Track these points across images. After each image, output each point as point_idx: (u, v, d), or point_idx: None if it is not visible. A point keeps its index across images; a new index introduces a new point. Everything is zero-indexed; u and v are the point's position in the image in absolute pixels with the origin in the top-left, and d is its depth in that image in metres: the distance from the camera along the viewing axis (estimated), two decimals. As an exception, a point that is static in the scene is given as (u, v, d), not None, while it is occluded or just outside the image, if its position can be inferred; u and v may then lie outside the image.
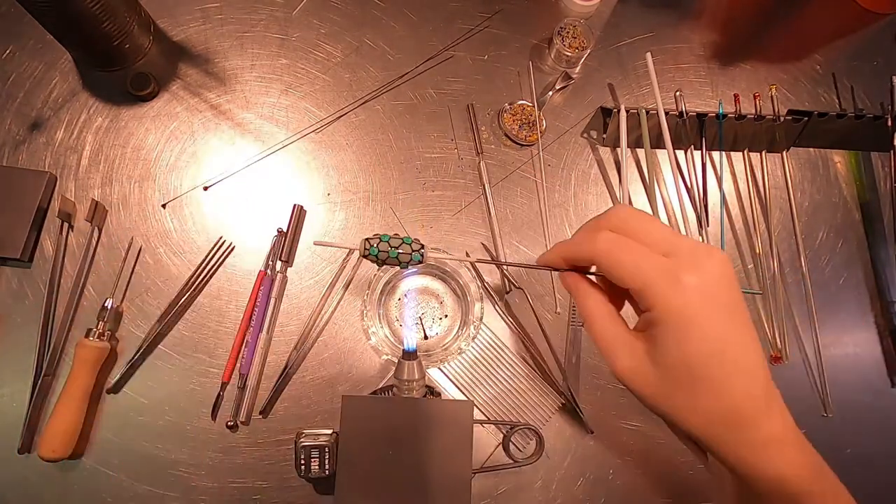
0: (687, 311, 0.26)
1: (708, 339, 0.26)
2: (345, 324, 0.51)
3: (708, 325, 0.26)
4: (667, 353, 0.27)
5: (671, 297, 0.26)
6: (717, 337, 0.26)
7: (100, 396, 0.48)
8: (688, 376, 0.27)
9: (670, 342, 0.27)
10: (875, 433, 0.54)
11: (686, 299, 0.26)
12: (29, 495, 0.46)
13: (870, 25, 0.66)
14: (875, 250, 0.58)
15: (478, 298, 0.49)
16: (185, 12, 0.56)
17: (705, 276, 0.26)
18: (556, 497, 0.50)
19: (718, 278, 0.27)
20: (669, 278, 0.26)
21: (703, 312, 0.26)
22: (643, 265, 0.27)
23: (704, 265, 0.26)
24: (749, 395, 0.27)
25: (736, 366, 0.27)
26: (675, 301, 0.26)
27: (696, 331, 0.26)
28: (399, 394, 0.42)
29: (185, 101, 0.54)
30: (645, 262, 0.27)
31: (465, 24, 0.59)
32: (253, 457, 0.48)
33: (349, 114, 0.56)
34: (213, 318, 0.50)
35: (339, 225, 0.53)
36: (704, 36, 0.63)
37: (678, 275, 0.26)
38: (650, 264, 0.27)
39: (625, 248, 0.27)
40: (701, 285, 0.26)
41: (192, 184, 0.52)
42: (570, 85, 0.59)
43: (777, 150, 0.60)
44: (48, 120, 0.53)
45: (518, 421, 0.49)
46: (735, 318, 0.27)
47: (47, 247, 0.50)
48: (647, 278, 0.27)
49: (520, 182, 0.56)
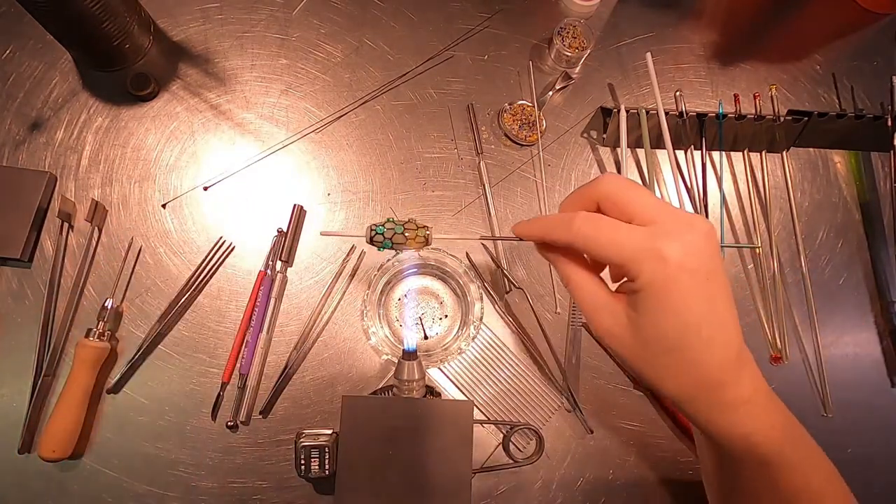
0: (667, 286, 0.26)
1: (686, 312, 0.27)
2: (345, 324, 0.51)
3: (687, 298, 0.27)
4: (646, 322, 0.28)
5: (651, 272, 0.26)
6: (696, 311, 0.27)
7: (100, 396, 0.48)
8: (665, 345, 0.28)
9: (649, 313, 0.27)
10: (875, 433, 0.54)
11: (666, 274, 0.26)
12: (29, 495, 0.46)
13: (870, 25, 0.66)
14: (875, 250, 0.58)
15: (478, 298, 0.49)
16: (185, 12, 0.56)
17: (686, 249, 0.26)
18: (556, 497, 0.50)
19: (700, 251, 0.27)
20: (650, 253, 0.26)
21: (683, 287, 0.26)
22: (623, 242, 0.27)
23: (686, 237, 0.26)
24: (722, 364, 0.28)
25: (712, 338, 0.27)
26: (656, 276, 0.26)
27: (674, 304, 0.27)
28: (399, 394, 0.42)
29: (185, 101, 0.54)
30: (625, 239, 0.27)
31: (465, 24, 0.59)
32: (253, 457, 0.48)
33: (349, 114, 0.56)
34: (213, 318, 0.50)
35: (339, 225, 0.53)
36: (704, 36, 0.63)
37: (659, 249, 0.26)
38: (630, 241, 0.27)
39: (602, 228, 0.27)
40: (681, 259, 0.26)
41: (192, 184, 0.52)
42: (570, 85, 0.59)
43: (777, 150, 0.60)
44: (48, 120, 0.53)
45: (518, 421, 0.49)
46: (713, 291, 0.27)
47: (47, 247, 0.50)
48: (628, 254, 0.27)
49: (520, 182, 0.56)
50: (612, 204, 0.28)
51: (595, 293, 0.30)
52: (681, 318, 0.27)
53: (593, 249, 0.28)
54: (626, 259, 0.27)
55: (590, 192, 0.29)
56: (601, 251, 0.27)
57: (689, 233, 0.27)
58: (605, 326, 0.29)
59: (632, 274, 0.27)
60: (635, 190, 0.28)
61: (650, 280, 0.26)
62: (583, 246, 0.28)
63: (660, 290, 0.27)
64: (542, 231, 0.30)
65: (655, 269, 0.26)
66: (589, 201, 0.30)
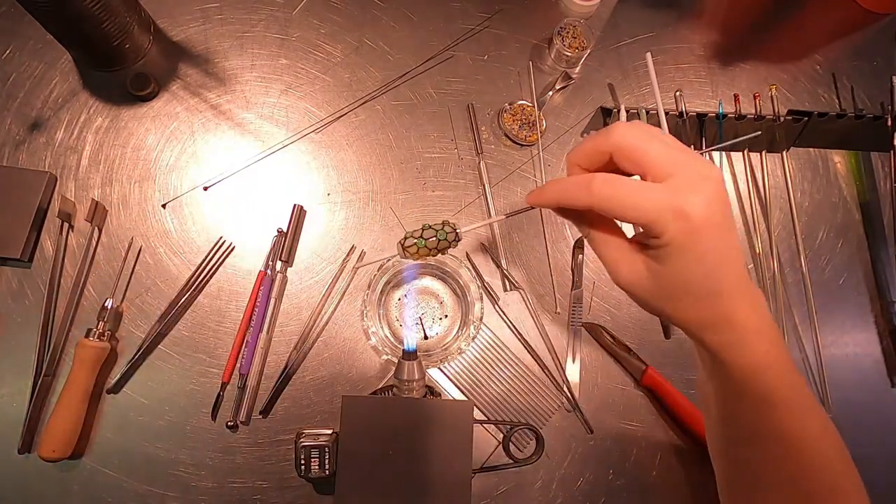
0: (691, 240, 0.28)
1: (709, 260, 0.28)
2: (345, 324, 0.51)
3: (710, 249, 0.28)
4: (669, 271, 0.29)
5: (675, 231, 0.27)
6: (714, 258, 0.28)
7: (100, 396, 0.48)
8: (684, 290, 0.29)
9: (673, 264, 0.29)
10: (875, 433, 0.54)
11: (690, 229, 0.27)
12: (29, 495, 0.46)
13: (870, 25, 0.66)
14: (875, 250, 0.58)
15: (478, 298, 0.49)
16: (185, 12, 0.56)
17: (707, 203, 0.27)
18: (556, 497, 0.50)
19: (719, 202, 0.28)
20: (673, 213, 0.27)
21: (706, 239, 0.28)
22: (644, 203, 0.27)
23: (705, 190, 0.27)
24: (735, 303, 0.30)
25: (727, 280, 0.29)
26: (679, 233, 0.27)
27: (698, 255, 0.28)
28: (399, 394, 0.42)
29: (185, 101, 0.54)
30: (646, 201, 0.27)
31: (465, 24, 0.59)
32: (253, 457, 0.48)
33: (349, 114, 0.56)
34: (213, 318, 0.50)
35: (339, 225, 0.53)
36: (704, 36, 0.63)
37: (681, 207, 0.27)
38: (651, 202, 0.27)
39: (621, 190, 0.28)
40: (704, 214, 0.27)
41: (192, 184, 0.52)
42: (570, 85, 0.59)
43: (777, 150, 0.60)
44: (48, 120, 0.53)
45: (518, 421, 0.49)
46: (728, 236, 0.29)
47: (47, 247, 0.50)
48: (651, 216, 0.27)
49: (520, 182, 0.56)
50: (625, 157, 0.29)
51: (614, 246, 0.31)
52: (704, 266, 0.28)
53: (614, 212, 0.28)
54: (650, 220, 0.27)
55: (601, 143, 0.29)
56: (622, 213, 0.28)
57: (706, 184, 0.27)
58: (627, 278, 0.31)
59: (655, 232, 0.28)
60: (648, 141, 0.28)
61: (674, 237, 0.27)
62: (602, 209, 0.28)
63: (684, 245, 0.28)
64: (558, 196, 0.31)
65: (679, 227, 0.27)
66: (601, 154, 0.30)
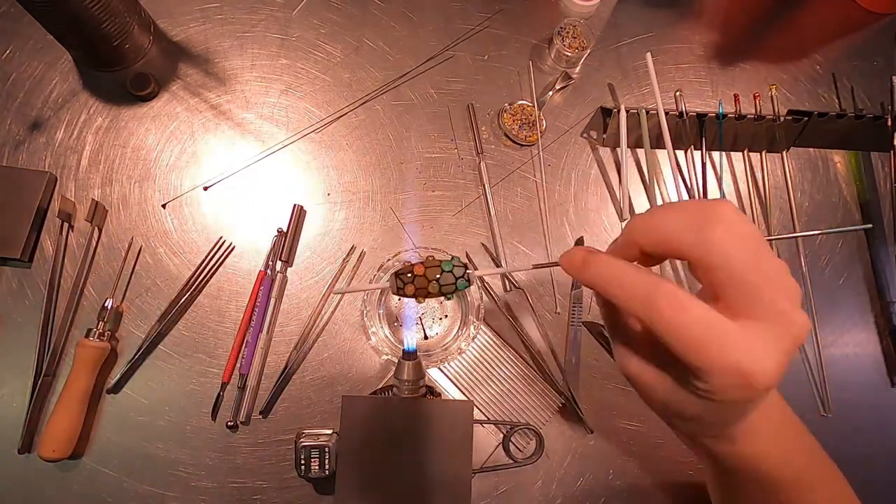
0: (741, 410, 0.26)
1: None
2: (345, 324, 0.51)
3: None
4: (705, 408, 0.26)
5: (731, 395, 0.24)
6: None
7: (100, 396, 0.48)
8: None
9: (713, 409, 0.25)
10: (875, 433, 0.54)
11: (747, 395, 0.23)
12: (29, 495, 0.46)
13: (870, 25, 0.66)
14: (875, 250, 0.58)
15: (478, 298, 0.49)
16: (185, 12, 0.56)
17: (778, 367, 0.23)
18: (556, 497, 0.50)
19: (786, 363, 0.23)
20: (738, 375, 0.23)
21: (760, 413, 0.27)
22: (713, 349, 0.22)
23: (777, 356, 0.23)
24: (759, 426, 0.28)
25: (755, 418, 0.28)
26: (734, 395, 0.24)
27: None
28: (399, 394, 0.42)
29: (185, 101, 0.54)
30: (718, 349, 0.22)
31: (465, 24, 0.59)
32: (253, 457, 0.48)
33: (349, 114, 0.56)
34: (213, 318, 0.50)
35: (339, 225, 0.53)
36: (704, 36, 0.63)
37: (750, 370, 0.22)
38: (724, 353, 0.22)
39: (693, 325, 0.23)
40: (769, 382, 0.23)
41: (192, 184, 0.52)
42: (570, 85, 0.59)
43: (777, 150, 0.60)
44: (48, 120, 0.53)
45: (518, 421, 0.49)
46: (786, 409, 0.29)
47: (47, 247, 0.50)
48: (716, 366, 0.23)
49: (520, 182, 0.56)
50: (711, 276, 0.23)
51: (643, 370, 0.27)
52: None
53: (673, 345, 0.23)
54: (710, 369, 0.22)
55: (692, 244, 0.23)
56: (683, 352, 0.23)
57: (781, 345, 0.23)
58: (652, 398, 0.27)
59: (703, 376, 0.23)
60: (756, 266, 0.23)
61: (726, 399, 0.23)
62: (659, 332, 0.23)
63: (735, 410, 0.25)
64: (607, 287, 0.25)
65: (737, 395, 0.23)
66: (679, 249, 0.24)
